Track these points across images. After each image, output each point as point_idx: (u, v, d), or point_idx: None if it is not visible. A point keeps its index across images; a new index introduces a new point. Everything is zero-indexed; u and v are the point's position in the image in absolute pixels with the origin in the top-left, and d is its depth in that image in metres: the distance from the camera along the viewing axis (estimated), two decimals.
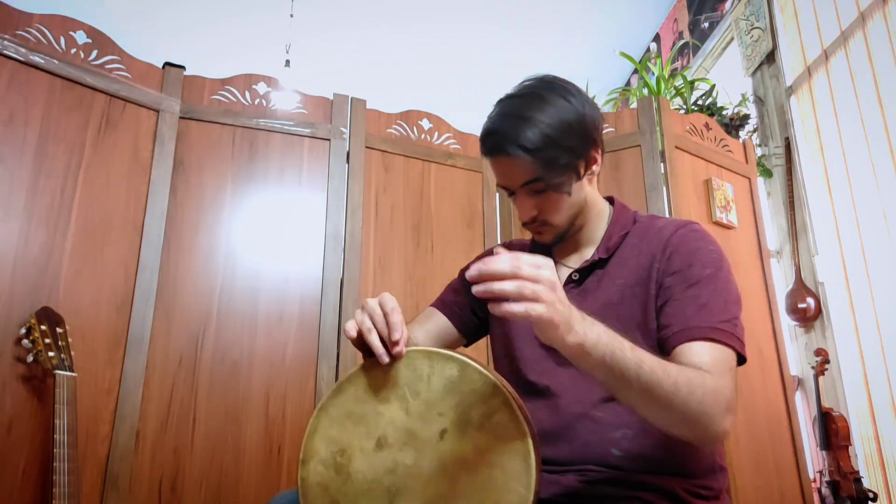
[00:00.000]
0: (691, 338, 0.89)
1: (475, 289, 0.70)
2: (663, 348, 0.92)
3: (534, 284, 0.69)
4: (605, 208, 1.11)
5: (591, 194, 1.08)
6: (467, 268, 1.23)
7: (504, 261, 0.70)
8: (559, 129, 0.95)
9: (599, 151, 1.04)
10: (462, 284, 1.21)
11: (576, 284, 1.04)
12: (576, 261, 1.08)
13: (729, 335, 0.89)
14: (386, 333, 0.81)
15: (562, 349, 0.74)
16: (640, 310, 0.97)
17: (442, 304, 1.18)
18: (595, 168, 1.04)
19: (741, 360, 0.91)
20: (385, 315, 0.82)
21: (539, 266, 0.71)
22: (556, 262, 1.10)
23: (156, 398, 1.70)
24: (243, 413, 1.78)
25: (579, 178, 1.01)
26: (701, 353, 0.87)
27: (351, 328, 0.84)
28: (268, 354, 1.85)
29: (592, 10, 4.31)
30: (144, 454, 1.65)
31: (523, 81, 1.02)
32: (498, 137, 0.96)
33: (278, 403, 1.83)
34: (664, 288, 0.95)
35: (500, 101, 1.01)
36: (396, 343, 0.80)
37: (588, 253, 1.07)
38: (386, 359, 0.80)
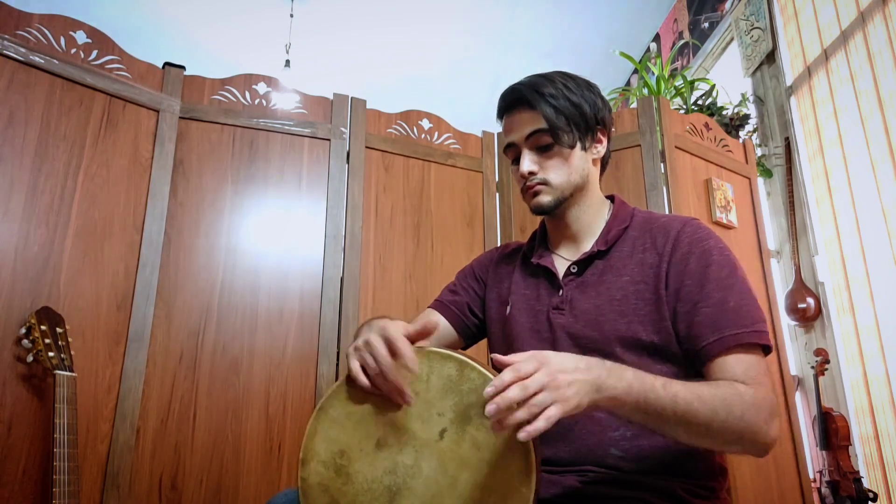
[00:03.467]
0: (725, 347, 0.90)
1: (495, 428, 0.70)
2: (697, 358, 0.93)
3: (540, 396, 0.70)
4: (606, 204, 1.12)
5: (593, 177, 1.09)
6: (465, 269, 1.24)
7: (513, 391, 0.70)
8: (575, 94, 1.03)
9: (606, 137, 1.09)
10: (460, 285, 1.21)
11: (575, 276, 1.04)
12: (573, 253, 1.08)
13: (759, 335, 0.91)
14: (395, 378, 0.80)
15: (598, 408, 0.76)
16: (647, 308, 0.97)
17: (440, 305, 1.18)
18: (600, 148, 1.09)
19: (767, 349, 0.93)
20: (403, 359, 0.80)
21: (533, 369, 0.72)
22: (553, 255, 1.10)
23: (156, 396, 1.70)
24: (243, 410, 1.78)
25: (584, 147, 1.06)
26: (735, 364, 0.89)
27: (355, 367, 0.83)
28: (268, 352, 1.85)
29: (592, 10, 4.31)
30: (145, 451, 1.66)
31: None
32: (520, 88, 1.04)
33: (278, 400, 1.83)
34: (684, 293, 0.95)
35: None
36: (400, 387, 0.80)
37: (586, 245, 1.07)
38: (407, 399, 0.80)
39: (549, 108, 1.01)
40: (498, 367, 0.75)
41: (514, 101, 1.04)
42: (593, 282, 1.02)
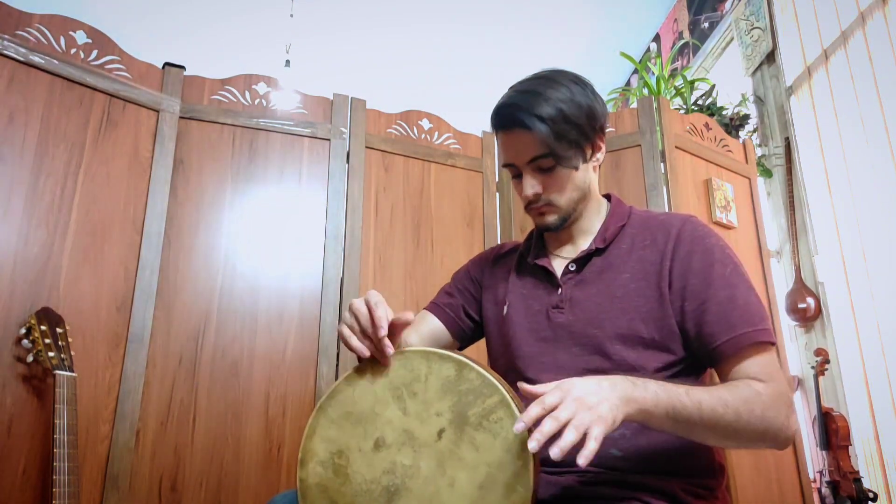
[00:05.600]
0: (740, 346, 0.91)
1: (554, 453, 0.70)
2: (710, 357, 0.94)
3: (578, 417, 0.71)
4: (604, 203, 1.12)
5: (593, 184, 1.09)
6: (460, 270, 1.24)
7: (547, 424, 0.70)
8: (571, 107, 0.98)
9: (603, 141, 1.07)
10: (455, 287, 1.21)
11: (573, 274, 1.04)
12: (570, 252, 1.08)
13: (768, 332, 0.92)
14: (371, 331, 0.83)
15: (630, 420, 0.78)
16: (649, 305, 0.97)
17: (434, 307, 1.18)
18: (599, 156, 1.07)
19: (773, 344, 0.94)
20: (370, 311, 0.84)
21: (559, 400, 0.73)
22: (550, 255, 1.10)
23: (156, 397, 1.70)
24: (243, 412, 1.78)
25: (585, 160, 1.04)
26: (751, 363, 0.90)
27: (345, 332, 0.87)
28: (268, 353, 1.85)
29: (592, 10, 4.31)
30: (144, 453, 1.66)
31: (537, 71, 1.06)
32: (513, 109, 0.99)
33: (278, 402, 1.83)
34: (690, 291, 0.95)
35: (515, 84, 1.04)
36: (381, 339, 0.82)
37: (583, 244, 1.07)
38: (366, 353, 0.84)
39: (550, 133, 0.96)
40: (524, 396, 0.77)
41: (511, 122, 1.00)
42: (592, 279, 1.03)
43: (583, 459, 0.69)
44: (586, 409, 0.72)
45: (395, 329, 0.85)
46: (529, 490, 0.73)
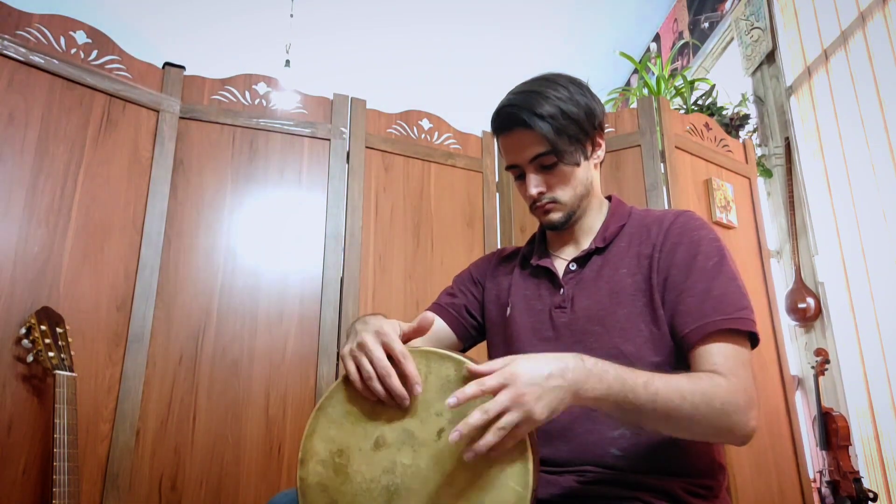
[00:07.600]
0: (705, 334, 0.90)
1: (468, 456, 0.72)
2: (681, 346, 0.93)
3: (506, 417, 0.71)
4: (605, 203, 1.13)
5: (595, 181, 1.10)
6: (462, 273, 1.24)
7: (474, 417, 0.71)
8: (570, 104, 1.00)
9: (603, 139, 1.09)
10: (458, 288, 1.21)
11: (575, 274, 1.05)
12: (572, 253, 1.09)
13: (742, 321, 0.91)
14: (393, 383, 0.79)
15: (577, 405, 0.78)
16: (643, 299, 0.97)
17: (437, 308, 1.18)
18: (599, 153, 1.09)
19: (755, 340, 0.93)
20: (399, 364, 0.80)
21: (498, 385, 0.73)
22: (552, 256, 1.11)
23: (156, 397, 1.70)
24: (243, 411, 1.78)
25: (586, 157, 1.05)
26: (716, 353, 0.89)
27: (352, 371, 0.82)
28: (268, 353, 1.85)
29: (592, 10, 4.31)
30: (145, 452, 1.66)
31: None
32: (514, 109, 1.00)
33: (278, 402, 1.83)
34: (671, 281, 0.96)
35: (513, 88, 1.06)
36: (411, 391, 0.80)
37: (585, 244, 1.08)
38: (405, 403, 0.80)
39: (550, 130, 0.98)
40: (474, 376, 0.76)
41: (512, 122, 1.01)
42: (592, 277, 1.03)
43: (494, 453, 0.71)
44: (519, 404, 0.72)
45: (420, 333, 0.85)
46: (528, 490, 0.73)
